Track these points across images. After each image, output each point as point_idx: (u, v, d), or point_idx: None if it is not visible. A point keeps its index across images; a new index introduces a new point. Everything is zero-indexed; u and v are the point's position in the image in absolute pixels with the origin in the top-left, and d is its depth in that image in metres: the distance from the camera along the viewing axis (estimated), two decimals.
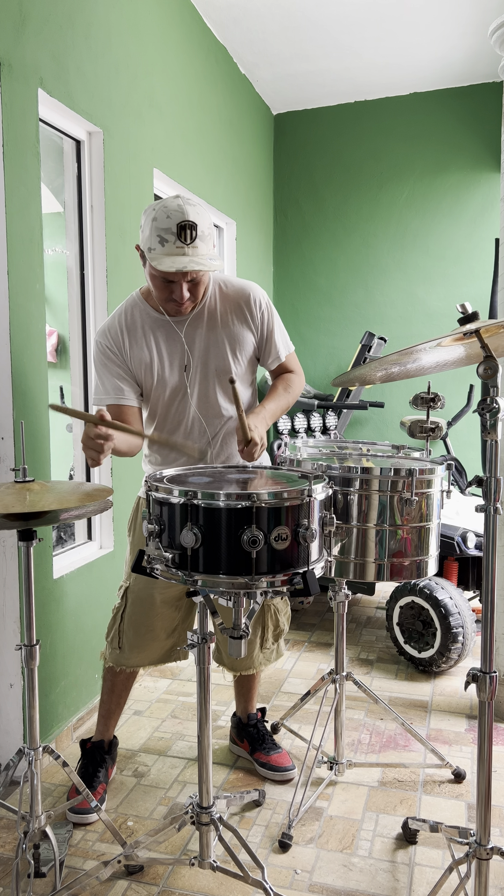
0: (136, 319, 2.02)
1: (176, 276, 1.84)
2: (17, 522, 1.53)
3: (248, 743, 2.37)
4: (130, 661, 2.15)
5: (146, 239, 1.83)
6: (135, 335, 2.00)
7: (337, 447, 2.45)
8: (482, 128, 4.64)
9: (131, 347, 2.01)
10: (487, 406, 1.46)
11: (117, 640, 2.15)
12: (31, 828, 1.69)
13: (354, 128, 4.91)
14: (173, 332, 2.01)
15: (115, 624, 2.16)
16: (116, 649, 2.15)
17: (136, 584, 2.11)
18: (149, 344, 2.00)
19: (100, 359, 2.03)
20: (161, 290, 1.90)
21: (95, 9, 2.59)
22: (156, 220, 1.80)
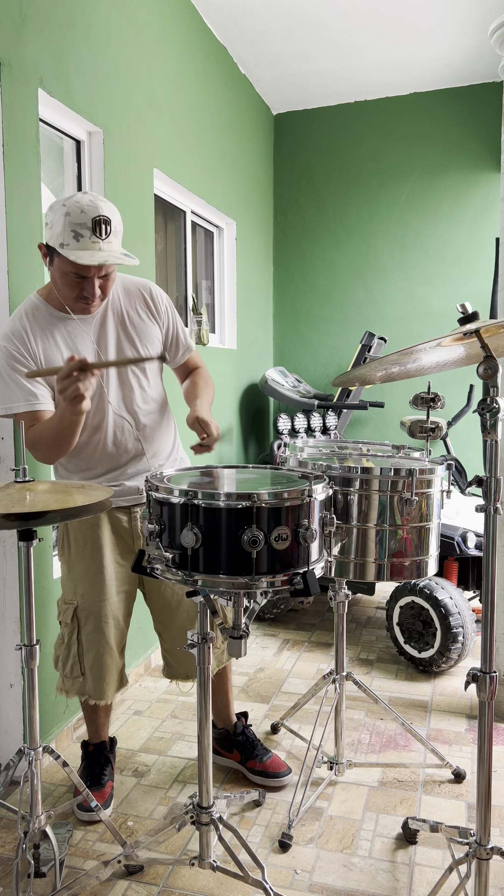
0: (40, 321, 1.91)
1: (90, 271, 1.80)
2: (17, 522, 1.53)
3: (238, 752, 2.29)
4: (97, 691, 2.02)
5: (58, 234, 1.77)
6: (42, 337, 1.90)
7: (337, 447, 2.45)
8: (482, 128, 4.64)
9: (41, 349, 1.90)
10: (487, 406, 1.46)
11: (78, 667, 2.03)
12: (31, 828, 1.69)
13: (354, 128, 4.91)
14: (82, 331, 1.95)
15: (70, 650, 2.02)
16: (79, 678, 2.03)
17: (85, 600, 2.01)
18: (58, 345, 1.91)
19: (6, 365, 1.86)
20: (71, 288, 1.84)
21: (95, 9, 2.59)
22: (69, 214, 1.76)
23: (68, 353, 1.91)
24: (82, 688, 2.04)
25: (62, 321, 1.94)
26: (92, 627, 2.01)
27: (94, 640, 2.02)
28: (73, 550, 2.05)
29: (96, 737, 2.21)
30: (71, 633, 2.03)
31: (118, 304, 2.02)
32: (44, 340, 1.91)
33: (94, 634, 2.01)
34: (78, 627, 2.02)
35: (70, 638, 2.03)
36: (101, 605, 2.02)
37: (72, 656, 2.03)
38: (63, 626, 2.06)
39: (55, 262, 1.83)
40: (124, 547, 2.08)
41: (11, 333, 1.89)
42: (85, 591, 2.02)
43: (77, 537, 2.04)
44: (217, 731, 2.33)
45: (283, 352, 5.24)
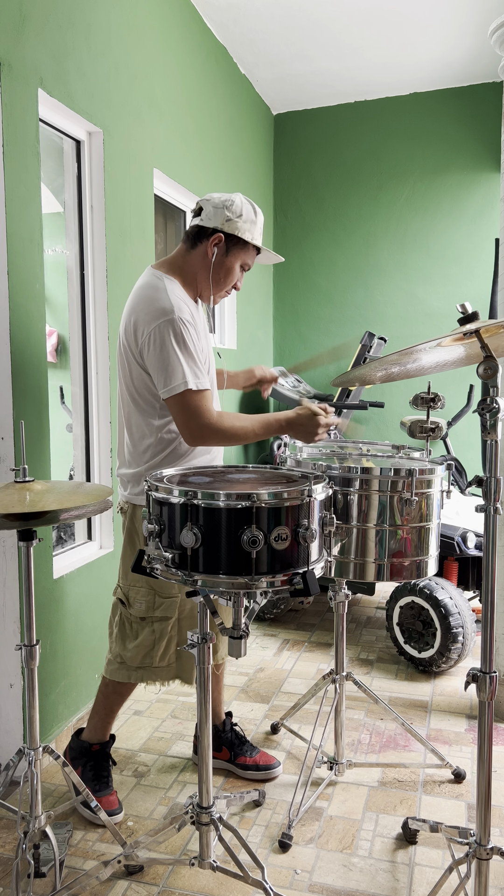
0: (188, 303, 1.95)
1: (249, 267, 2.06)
2: (17, 522, 1.53)
3: (226, 750, 2.30)
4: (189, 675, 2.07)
5: (248, 229, 1.97)
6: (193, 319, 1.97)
7: (337, 447, 2.45)
8: (482, 128, 4.64)
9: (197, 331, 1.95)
10: (487, 406, 1.46)
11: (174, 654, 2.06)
12: (31, 828, 1.69)
13: (354, 128, 4.91)
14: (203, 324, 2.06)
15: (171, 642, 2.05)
16: (173, 664, 2.06)
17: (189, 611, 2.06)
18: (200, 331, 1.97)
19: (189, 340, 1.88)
20: (230, 281, 2.02)
21: (95, 9, 2.59)
22: (258, 214, 2.01)
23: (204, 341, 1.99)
24: (177, 672, 2.07)
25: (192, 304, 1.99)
26: (191, 618, 2.06)
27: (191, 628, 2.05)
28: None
29: (104, 734, 2.19)
30: (173, 626, 2.04)
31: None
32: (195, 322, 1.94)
33: (192, 623, 2.06)
34: (179, 619, 2.05)
35: (172, 629, 2.04)
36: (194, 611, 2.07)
37: (170, 647, 2.05)
38: (159, 622, 2.03)
39: (232, 252, 1.98)
40: None
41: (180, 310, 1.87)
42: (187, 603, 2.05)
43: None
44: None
45: (283, 352, 5.24)
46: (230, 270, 2.00)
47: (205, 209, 1.98)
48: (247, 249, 2.00)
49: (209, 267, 1.97)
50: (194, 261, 1.99)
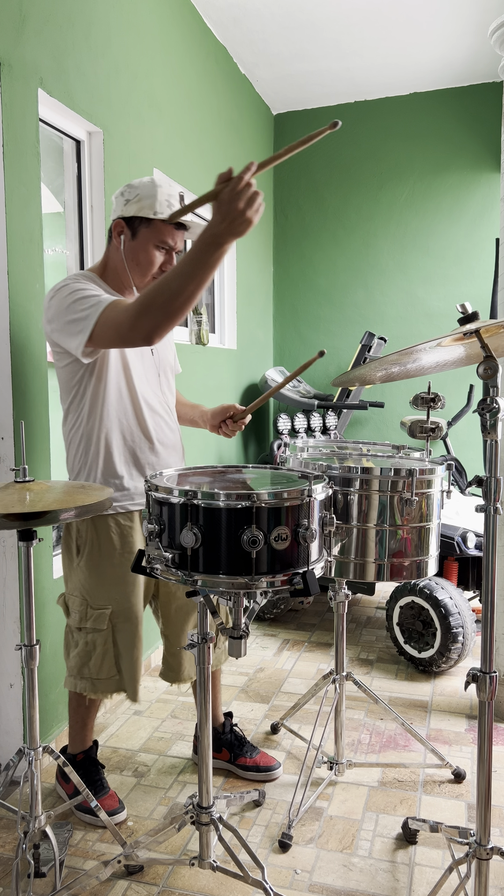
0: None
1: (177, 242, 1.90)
2: (17, 522, 1.53)
3: (226, 751, 2.30)
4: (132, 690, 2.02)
5: (149, 206, 1.84)
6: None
7: (337, 447, 2.45)
8: (482, 128, 4.64)
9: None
10: (487, 406, 1.46)
11: (114, 668, 2.01)
12: (31, 828, 1.69)
13: (354, 128, 4.91)
14: None
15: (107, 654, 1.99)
16: (115, 677, 2.00)
17: (120, 605, 1.99)
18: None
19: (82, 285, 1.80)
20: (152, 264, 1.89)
21: (95, 9, 2.59)
22: (160, 187, 1.86)
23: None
24: (119, 685, 2.02)
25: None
26: (129, 630, 2.00)
27: (130, 642, 2.01)
28: (102, 554, 1.98)
29: (84, 743, 2.16)
30: (106, 638, 1.99)
31: None
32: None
33: (130, 637, 2.01)
34: (113, 631, 2.00)
35: (105, 642, 1.99)
36: (136, 608, 2.02)
37: (108, 659, 1.99)
38: (91, 633, 1.99)
39: (140, 234, 1.87)
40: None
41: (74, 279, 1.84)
42: (119, 596, 1.99)
43: (107, 540, 1.98)
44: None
45: (283, 352, 5.24)
46: (145, 254, 1.87)
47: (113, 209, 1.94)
48: (154, 227, 1.85)
49: (124, 257, 1.90)
50: (113, 256, 1.94)
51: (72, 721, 2.16)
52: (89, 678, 2.01)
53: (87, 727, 2.16)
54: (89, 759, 2.15)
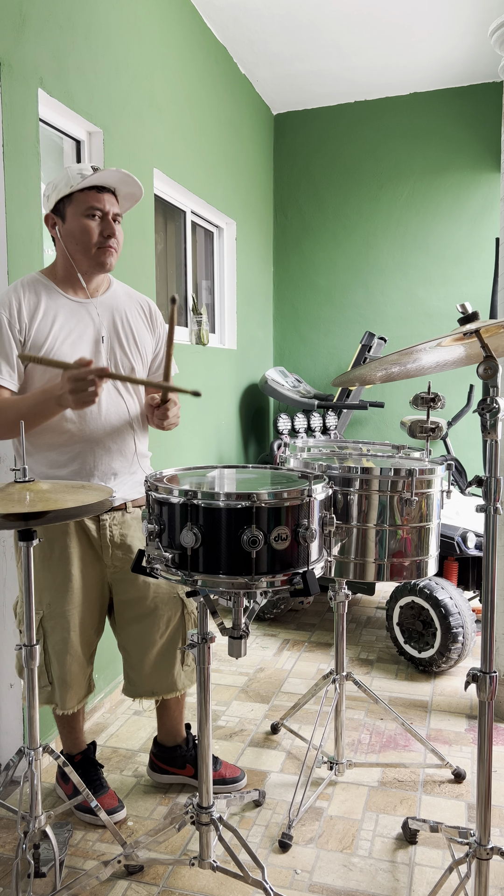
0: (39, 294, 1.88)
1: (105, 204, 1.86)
2: (17, 522, 1.52)
3: (190, 767, 2.22)
4: (65, 700, 1.97)
5: (64, 186, 1.84)
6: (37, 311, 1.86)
7: (337, 447, 2.45)
8: (482, 128, 4.64)
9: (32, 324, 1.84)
10: (487, 406, 1.46)
11: (45, 676, 1.96)
12: (31, 828, 1.69)
13: (354, 128, 4.92)
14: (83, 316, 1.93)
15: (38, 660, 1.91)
16: (46, 687, 1.96)
17: (52, 609, 1.94)
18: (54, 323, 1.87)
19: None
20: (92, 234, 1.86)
21: (95, 9, 2.59)
22: (69, 167, 1.87)
23: (65, 335, 1.87)
24: (50, 697, 1.98)
25: (63, 301, 1.90)
26: (59, 637, 1.95)
27: (61, 650, 1.95)
28: (38, 557, 1.94)
29: (77, 745, 2.14)
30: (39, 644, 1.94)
31: (120, 302, 2.01)
32: (37, 315, 1.85)
33: (60, 644, 1.95)
34: (45, 637, 1.95)
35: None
36: (69, 613, 1.95)
37: (39, 667, 1.93)
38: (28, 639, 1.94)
39: (68, 212, 1.85)
40: (92, 555, 1.99)
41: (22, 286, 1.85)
42: (51, 601, 1.94)
43: (43, 544, 1.94)
44: (166, 749, 2.23)
45: (283, 352, 5.24)
46: (79, 228, 1.86)
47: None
48: (75, 200, 1.86)
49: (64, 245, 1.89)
50: (58, 253, 1.94)
51: (58, 725, 2.15)
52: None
53: (75, 729, 2.13)
54: (87, 760, 2.15)
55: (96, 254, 1.88)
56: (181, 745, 2.24)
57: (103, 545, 1.98)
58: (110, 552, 1.99)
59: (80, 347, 1.90)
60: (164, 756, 2.24)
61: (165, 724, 2.23)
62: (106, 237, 1.88)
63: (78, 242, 1.87)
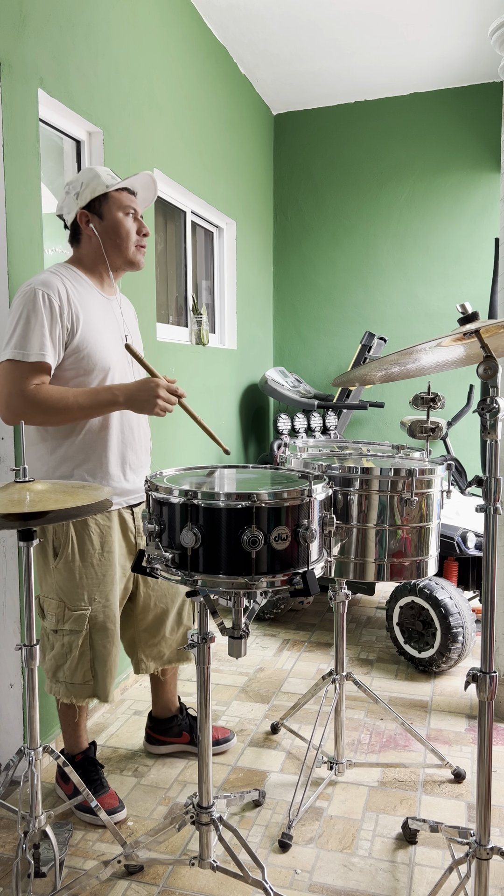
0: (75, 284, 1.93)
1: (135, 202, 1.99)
2: (17, 522, 1.53)
3: (186, 734, 2.39)
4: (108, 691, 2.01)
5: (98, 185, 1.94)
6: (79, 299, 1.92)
7: (337, 447, 2.45)
8: (482, 128, 4.64)
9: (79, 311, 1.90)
10: (487, 406, 1.46)
11: (89, 672, 1.99)
12: (31, 828, 1.69)
13: (354, 128, 4.91)
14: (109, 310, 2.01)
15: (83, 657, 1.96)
16: (89, 682, 1.99)
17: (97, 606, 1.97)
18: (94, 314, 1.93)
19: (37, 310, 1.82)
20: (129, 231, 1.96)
21: (95, 9, 2.59)
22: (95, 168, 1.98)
23: (107, 334, 1.95)
24: (93, 691, 2.00)
25: (96, 296, 1.98)
26: (105, 633, 1.99)
27: (105, 646, 1.99)
28: (80, 556, 1.96)
29: (79, 745, 2.15)
30: (83, 640, 1.96)
31: (126, 305, 2.17)
32: (80, 306, 1.89)
33: (106, 640, 1.99)
34: (90, 632, 1.97)
35: (82, 644, 1.96)
36: (113, 610, 2.01)
37: (83, 663, 1.97)
38: (69, 634, 1.96)
39: (106, 211, 1.95)
40: (127, 548, 2.09)
41: (45, 284, 1.85)
42: (98, 598, 1.98)
43: (86, 541, 1.97)
44: (163, 721, 2.39)
45: (283, 352, 5.24)
46: (117, 224, 1.96)
47: (63, 212, 2.02)
48: (113, 198, 1.96)
49: (101, 241, 1.96)
50: (87, 249, 1.99)
51: (62, 724, 2.16)
52: (63, 682, 1.99)
53: (79, 728, 2.14)
54: (88, 760, 2.15)
55: (134, 252, 1.99)
56: (176, 714, 2.40)
57: (137, 534, 2.10)
58: (143, 542, 2.09)
59: (118, 344, 1.99)
60: (160, 728, 2.40)
61: (162, 697, 2.39)
62: (143, 235, 2.00)
63: (119, 239, 1.96)
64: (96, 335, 1.91)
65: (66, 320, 1.85)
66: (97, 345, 1.91)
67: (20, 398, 1.78)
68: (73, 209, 1.96)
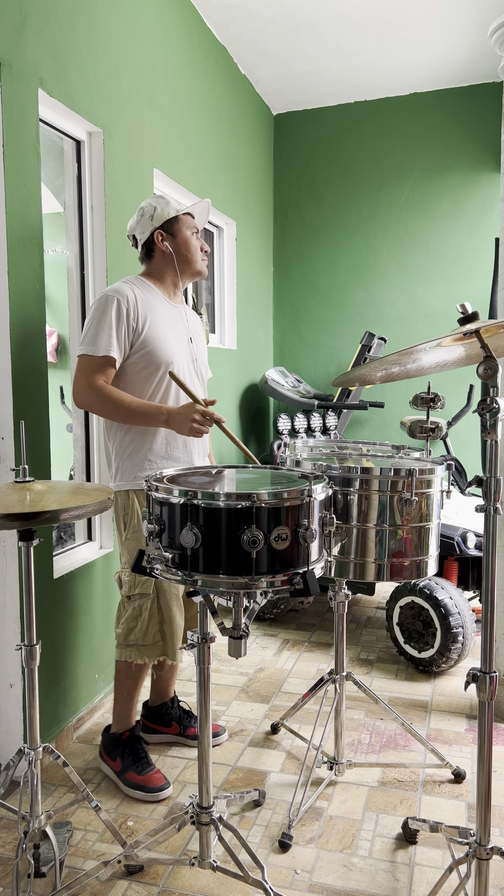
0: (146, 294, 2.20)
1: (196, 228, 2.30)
2: (17, 522, 1.53)
3: (176, 725, 2.46)
4: (173, 652, 2.18)
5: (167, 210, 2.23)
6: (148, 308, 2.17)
7: (337, 447, 2.45)
8: (482, 128, 4.64)
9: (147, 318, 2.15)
10: (487, 406, 1.46)
11: (158, 633, 2.17)
12: (31, 828, 1.69)
13: (354, 128, 4.92)
14: (177, 319, 2.26)
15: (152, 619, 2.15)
16: (158, 643, 2.17)
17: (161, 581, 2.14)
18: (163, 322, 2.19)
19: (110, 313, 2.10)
20: (196, 247, 2.25)
21: (95, 9, 2.59)
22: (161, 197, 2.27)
23: (171, 334, 2.20)
24: (163, 650, 2.17)
25: (163, 302, 2.24)
26: (171, 596, 2.17)
27: (172, 608, 2.16)
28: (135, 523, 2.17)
29: (129, 721, 2.28)
30: (152, 602, 2.15)
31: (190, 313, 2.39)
32: (147, 311, 2.16)
33: (172, 602, 2.17)
34: (157, 597, 2.16)
35: (151, 606, 2.15)
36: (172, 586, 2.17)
37: (152, 624, 2.16)
38: (139, 598, 2.16)
39: (178, 230, 2.23)
40: None
41: (118, 292, 2.12)
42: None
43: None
44: (153, 710, 2.48)
45: (283, 352, 5.24)
46: (187, 241, 2.25)
47: (136, 234, 2.28)
48: (181, 221, 2.25)
49: (173, 256, 2.24)
50: (160, 264, 2.27)
51: (117, 696, 2.27)
52: (135, 644, 2.17)
53: (132, 701, 2.27)
54: (134, 737, 2.26)
55: (200, 263, 2.28)
56: (167, 702, 2.48)
57: None
58: None
59: (181, 346, 2.23)
60: (151, 716, 2.48)
61: (160, 684, 2.48)
62: (204, 251, 2.30)
63: (189, 253, 2.26)
64: (160, 334, 2.16)
65: (133, 321, 2.11)
66: (161, 342, 2.16)
67: (88, 388, 2.06)
68: (147, 229, 2.24)
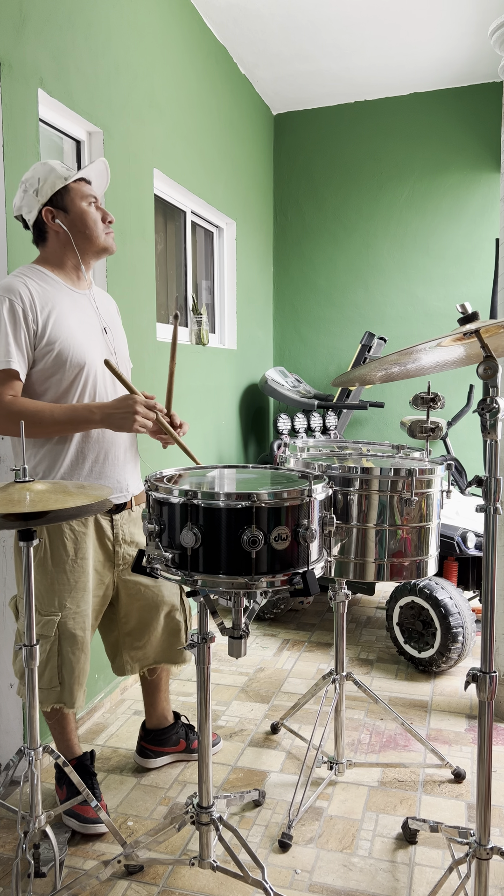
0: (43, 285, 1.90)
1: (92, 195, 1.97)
2: (17, 522, 1.53)
3: (183, 741, 2.36)
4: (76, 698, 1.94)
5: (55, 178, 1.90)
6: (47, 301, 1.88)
7: (337, 447, 2.45)
8: (482, 128, 4.64)
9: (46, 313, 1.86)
10: (487, 406, 1.46)
11: (56, 678, 1.93)
12: (31, 828, 1.69)
13: (354, 128, 4.91)
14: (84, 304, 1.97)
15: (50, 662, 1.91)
16: (56, 688, 1.93)
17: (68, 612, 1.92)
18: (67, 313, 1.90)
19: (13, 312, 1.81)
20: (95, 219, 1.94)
21: (95, 9, 2.59)
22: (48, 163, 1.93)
23: (81, 328, 1.90)
24: (59, 697, 1.94)
25: (66, 292, 1.93)
26: (73, 640, 1.93)
27: (74, 652, 1.93)
28: (55, 560, 1.92)
29: (70, 751, 2.09)
30: (51, 646, 1.91)
31: (103, 297, 2.13)
32: (48, 306, 1.86)
33: (74, 647, 1.93)
34: (59, 638, 1.92)
35: (50, 650, 1.91)
36: (84, 616, 1.95)
37: (50, 668, 1.92)
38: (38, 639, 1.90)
39: (70, 202, 1.91)
40: (105, 555, 2.02)
41: (9, 291, 1.82)
42: (69, 604, 1.93)
43: (60, 547, 1.92)
44: (161, 732, 2.33)
45: (283, 352, 5.24)
46: (83, 214, 1.93)
47: (23, 213, 1.96)
48: (73, 190, 1.93)
49: (69, 235, 1.92)
50: (55, 247, 1.95)
51: (49, 728, 2.10)
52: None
53: (66, 733, 2.08)
54: (80, 766, 2.08)
55: (105, 238, 1.97)
56: (173, 724, 2.37)
57: (116, 543, 2.03)
58: (122, 550, 2.04)
59: (94, 339, 1.95)
60: (157, 739, 2.34)
61: (157, 707, 2.33)
62: (108, 222, 1.98)
63: (87, 228, 1.94)
64: (67, 332, 1.87)
65: (32, 322, 1.82)
66: (70, 340, 1.87)
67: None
68: (34, 207, 1.91)
